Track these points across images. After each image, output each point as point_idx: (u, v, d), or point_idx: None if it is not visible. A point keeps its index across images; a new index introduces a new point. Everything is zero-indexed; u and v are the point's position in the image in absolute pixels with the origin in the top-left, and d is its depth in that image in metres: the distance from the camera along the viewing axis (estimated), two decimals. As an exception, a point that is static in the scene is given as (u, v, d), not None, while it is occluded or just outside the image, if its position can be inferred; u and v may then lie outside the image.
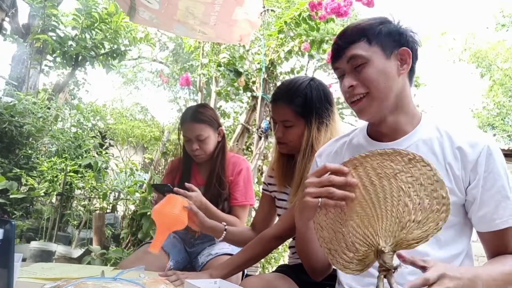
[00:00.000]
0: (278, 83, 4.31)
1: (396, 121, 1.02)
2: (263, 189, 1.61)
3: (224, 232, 1.43)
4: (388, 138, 1.04)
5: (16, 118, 4.66)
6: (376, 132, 1.07)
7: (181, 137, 1.83)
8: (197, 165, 1.88)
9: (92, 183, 4.42)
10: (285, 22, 3.96)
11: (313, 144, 1.31)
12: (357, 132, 1.14)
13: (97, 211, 4.15)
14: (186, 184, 1.60)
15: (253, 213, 3.87)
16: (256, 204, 2.13)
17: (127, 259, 1.86)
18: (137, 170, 4.94)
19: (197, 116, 1.78)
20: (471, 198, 0.96)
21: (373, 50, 0.98)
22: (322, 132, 1.32)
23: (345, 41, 1.01)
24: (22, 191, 4.16)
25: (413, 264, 0.77)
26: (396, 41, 1.00)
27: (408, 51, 1.00)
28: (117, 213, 5.08)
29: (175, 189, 1.55)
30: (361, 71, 0.99)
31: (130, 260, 1.72)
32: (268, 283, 1.21)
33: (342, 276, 1.07)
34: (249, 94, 4.53)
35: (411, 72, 1.03)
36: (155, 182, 3.84)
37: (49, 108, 5.32)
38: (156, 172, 4.77)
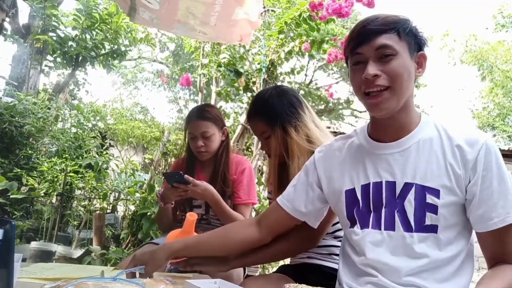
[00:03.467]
0: (279, 84, 4.32)
1: (401, 120, 1.02)
2: (268, 197, 1.62)
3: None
4: (390, 138, 1.03)
5: (16, 118, 4.66)
6: (378, 132, 1.06)
7: (186, 136, 1.87)
8: (200, 164, 1.91)
9: (92, 184, 4.42)
10: (286, 22, 3.96)
11: (292, 148, 1.34)
12: (358, 132, 1.13)
13: (97, 212, 4.15)
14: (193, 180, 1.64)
15: (253, 213, 3.87)
16: (257, 205, 2.15)
17: (126, 259, 1.86)
18: (137, 170, 4.94)
19: (203, 114, 1.83)
20: (470, 196, 0.96)
21: (402, 45, 0.96)
22: (293, 134, 1.35)
23: (377, 27, 0.96)
24: (22, 191, 4.15)
25: None
26: (417, 43, 0.99)
27: (425, 56, 1.00)
28: (117, 213, 5.08)
29: (185, 176, 1.61)
30: (388, 62, 0.95)
31: (129, 260, 1.72)
32: (268, 283, 1.21)
33: (343, 276, 1.07)
34: (249, 94, 4.53)
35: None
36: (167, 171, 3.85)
37: (49, 109, 5.31)
38: (156, 172, 4.77)
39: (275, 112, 1.37)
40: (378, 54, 0.95)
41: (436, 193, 0.96)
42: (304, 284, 0.88)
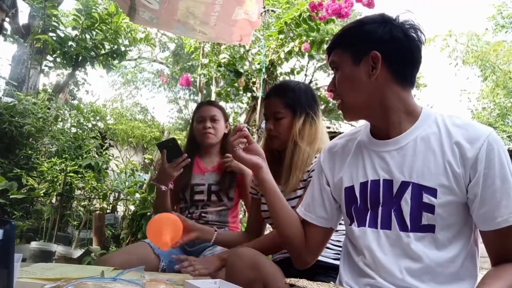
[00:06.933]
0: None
1: (389, 119, 1.02)
2: (251, 193, 1.70)
3: (215, 234, 1.52)
4: (386, 135, 1.04)
5: (16, 118, 4.66)
6: (375, 130, 1.08)
7: (194, 122, 1.97)
8: (199, 156, 1.98)
9: (92, 184, 4.42)
10: (285, 22, 3.96)
11: (303, 135, 1.45)
12: (363, 128, 1.14)
13: (97, 212, 4.15)
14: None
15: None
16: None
17: (111, 254, 1.92)
18: (137, 170, 4.93)
19: (213, 103, 2.07)
20: (472, 196, 0.93)
21: (344, 57, 1.02)
22: (307, 124, 1.47)
23: (329, 47, 1.08)
24: (22, 192, 4.14)
25: None
26: (370, 44, 0.98)
27: (377, 55, 0.97)
28: (117, 213, 5.07)
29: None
30: (335, 77, 1.05)
31: (115, 254, 1.77)
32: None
33: (343, 274, 1.07)
34: (249, 94, 4.54)
35: (397, 72, 0.99)
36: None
37: (49, 109, 5.30)
38: (156, 172, 4.77)
39: (299, 99, 1.50)
40: (334, 71, 1.06)
41: (433, 192, 0.94)
42: (304, 279, 0.89)
